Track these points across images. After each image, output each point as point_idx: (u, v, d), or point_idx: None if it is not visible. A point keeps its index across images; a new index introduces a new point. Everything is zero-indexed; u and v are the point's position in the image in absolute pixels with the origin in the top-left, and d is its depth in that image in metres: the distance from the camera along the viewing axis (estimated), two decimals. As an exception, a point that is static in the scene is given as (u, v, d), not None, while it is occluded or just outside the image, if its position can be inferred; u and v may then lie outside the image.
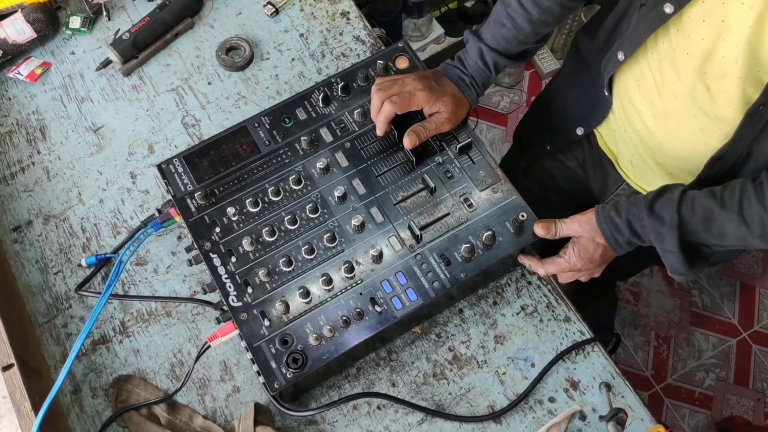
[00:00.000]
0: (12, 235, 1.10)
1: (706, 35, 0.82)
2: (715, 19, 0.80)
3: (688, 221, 0.86)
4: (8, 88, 1.22)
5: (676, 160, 1.00)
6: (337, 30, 1.25)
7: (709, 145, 0.91)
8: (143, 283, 1.06)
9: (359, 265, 0.95)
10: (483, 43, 1.04)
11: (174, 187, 1.01)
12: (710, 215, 0.84)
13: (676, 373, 1.98)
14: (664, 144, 0.99)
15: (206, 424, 0.96)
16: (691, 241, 0.88)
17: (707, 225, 0.85)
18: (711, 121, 0.89)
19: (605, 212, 0.91)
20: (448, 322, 1.02)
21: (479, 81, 1.05)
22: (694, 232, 0.86)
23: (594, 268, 0.98)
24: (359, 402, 0.97)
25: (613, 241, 0.91)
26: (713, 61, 0.83)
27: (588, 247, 0.95)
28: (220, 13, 1.27)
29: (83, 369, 1.01)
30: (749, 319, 2.05)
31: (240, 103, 1.19)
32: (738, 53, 0.79)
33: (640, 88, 0.97)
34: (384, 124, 1.00)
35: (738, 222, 0.83)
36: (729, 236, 0.84)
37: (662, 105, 0.94)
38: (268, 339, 0.91)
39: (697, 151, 0.94)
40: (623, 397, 0.97)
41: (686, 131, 0.93)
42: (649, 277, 2.09)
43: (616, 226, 0.90)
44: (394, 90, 0.99)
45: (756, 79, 0.81)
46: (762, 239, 0.83)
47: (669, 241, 0.87)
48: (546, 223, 0.95)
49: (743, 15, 0.77)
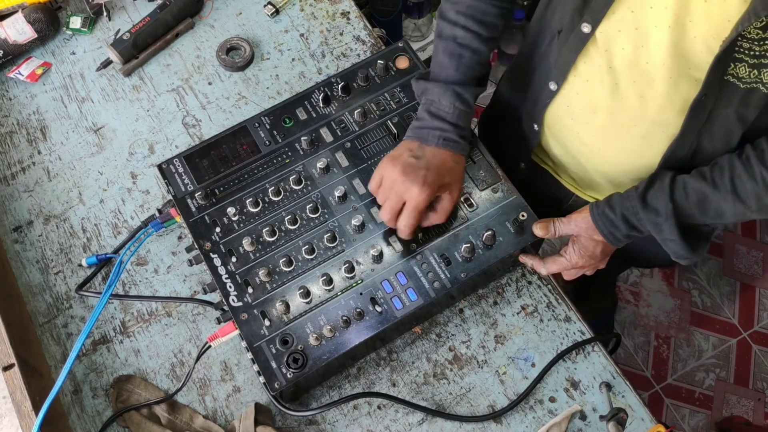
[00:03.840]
0: (12, 235, 1.10)
1: (625, 45, 0.82)
2: (629, 28, 0.80)
3: (683, 207, 0.86)
4: (9, 89, 1.22)
5: (623, 171, 1.00)
6: (338, 30, 1.25)
7: (654, 149, 0.91)
8: (144, 283, 1.06)
9: (359, 264, 0.96)
10: (452, 84, 0.95)
11: (174, 187, 1.01)
12: (704, 198, 0.85)
13: (676, 373, 1.98)
14: (608, 159, 0.99)
15: (207, 424, 0.96)
16: (689, 225, 0.88)
17: (703, 208, 0.86)
18: (651, 126, 0.89)
19: (599, 209, 0.91)
20: (448, 321, 1.02)
21: (464, 124, 0.96)
22: (690, 216, 0.87)
23: (597, 263, 0.98)
24: (359, 402, 0.98)
25: (611, 237, 0.91)
26: (638, 69, 0.83)
27: (587, 245, 0.95)
28: (220, 14, 1.27)
29: (84, 369, 1.01)
30: (749, 319, 2.05)
31: (240, 103, 1.19)
32: (663, 56, 0.79)
33: (571, 113, 0.97)
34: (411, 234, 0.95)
35: (733, 200, 0.83)
36: (726, 214, 0.85)
37: (599, 123, 0.94)
38: (269, 339, 0.91)
39: (644, 158, 0.94)
40: (623, 397, 0.97)
41: (629, 142, 0.94)
42: (649, 277, 2.09)
43: (612, 222, 0.90)
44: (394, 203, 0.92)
45: (688, 77, 0.81)
46: (760, 212, 0.84)
47: (668, 230, 0.87)
48: (544, 223, 0.95)
49: (659, 17, 0.76)
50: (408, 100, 1.06)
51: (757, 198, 0.82)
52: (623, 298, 2.06)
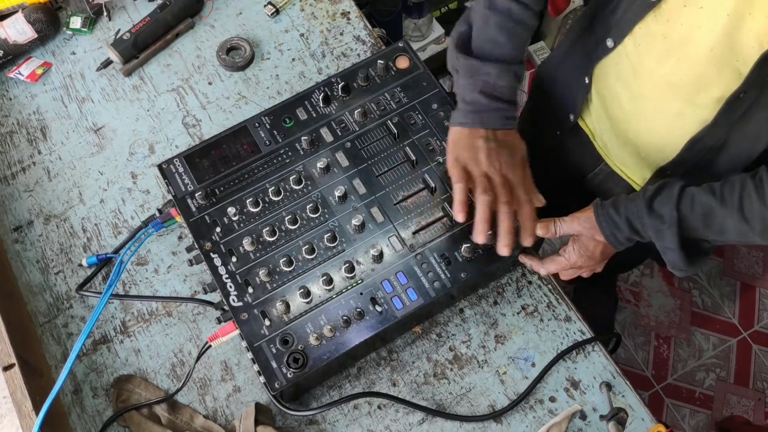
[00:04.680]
0: (13, 235, 1.10)
1: (685, 21, 0.83)
2: (695, 6, 0.81)
3: (688, 218, 0.86)
4: (9, 89, 1.22)
5: (652, 145, 1.00)
6: (338, 30, 1.25)
7: (684, 130, 0.92)
8: (144, 283, 1.06)
9: (360, 264, 0.96)
10: (511, 63, 0.95)
11: (175, 187, 1.01)
12: (710, 212, 0.84)
13: (677, 372, 1.98)
14: (640, 130, 0.99)
15: (207, 424, 0.96)
16: (690, 238, 0.88)
17: (707, 222, 0.85)
18: (687, 106, 0.90)
19: (604, 210, 0.91)
20: (448, 321, 1.02)
21: (517, 99, 0.97)
22: (693, 229, 0.86)
23: (595, 265, 0.98)
24: (360, 402, 0.98)
25: (612, 239, 0.91)
26: (688, 47, 0.84)
27: (588, 245, 0.95)
28: (220, 14, 1.27)
29: (84, 369, 1.01)
30: (749, 319, 2.05)
31: (240, 103, 1.19)
32: (714, 41, 0.80)
33: (618, 73, 0.98)
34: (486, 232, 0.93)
35: (738, 219, 0.83)
36: (729, 232, 0.85)
37: (639, 90, 0.95)
38: (269, 339, 0.91)
39: (673, 136, 0.94)
40: (624, 397, 0.97)
41: (662, 116, 0.94)
42: (649, 277, 2.09)
43: (615, 224, 0.90)
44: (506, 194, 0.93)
45: (733, 68, 0.81)
46: (762, 235, 0.83)
47: (668, 239, 0.87)
48: (545, 223, 0.95)
49: (722, 3, 0.77)
50: (408, 100, 1.06)
51: (762, 220, 0.82)
52: (623, 298, 2.06)
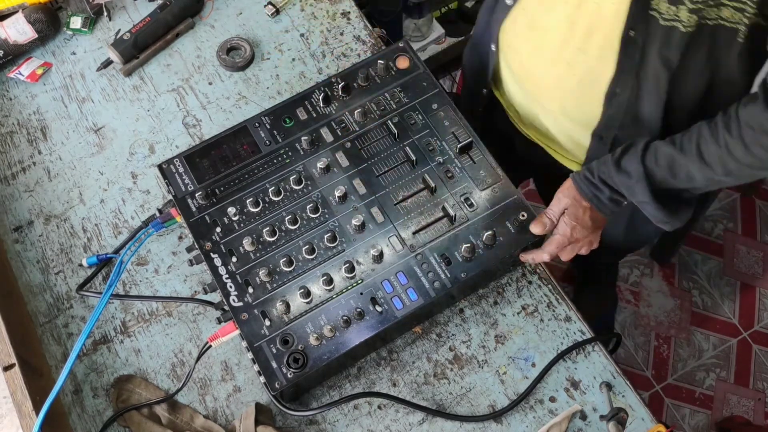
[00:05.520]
0: (13, 235, 1.10)
1: None
2: None
3: (654, 171, 0.88)
4: (9, 89, 1.22)
5: (562, 109, 1.02)
6: (338, 30, 1.25)
7: (577, 78, 0.94)
8: (144, 283, 1.06)
9: (360, 264, 0.96)
10: None
11: (175, 187, 1.01)
12: (673, 162, 0.87)
13: (677, 372, 1.98)
14: (543, 87, 1.01)
15: (207, 424, 0.96)
16: (665, 190, 0.90)
17: (672, 172, 0.87)
18: (576, 54, 0.92)
19: (580, 175, 0.95)
20: (448, 321, 1.02)
21: None
22: (662, 181, 0.89)
23: (590, 235, 0.99)
24: (360, 402, 0.98)
25: (596, 201, 0.94)
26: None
27: (577, 213, 0.96)
28: (220, 14, 1.27)
29: (84, 369, 1.01)
30: (749, 318, 2.05)
31: (241, 103, 1.19)
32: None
33: (516, 30, 1.00)
34: None
35: (700, 164, 0.85)
36: (696, 179, 0.87)
37: (535, 42, 0.97)
38: (269, 339, 0.91)
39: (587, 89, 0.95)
40: (624, 397, 0.97)
41: (559, 70, 0.96)
42: (649, 277, 2.09)
43: (594, 186, 0.93)
44: None
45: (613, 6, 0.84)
46: (728, 176, 0.85)
47: (640, 193, 0.90)
48: (537, 220, 0.97)
49: None
50: (408, 100, 1.06)
51: (722, 163, 0.84)
52: (623, 298, 2.06)
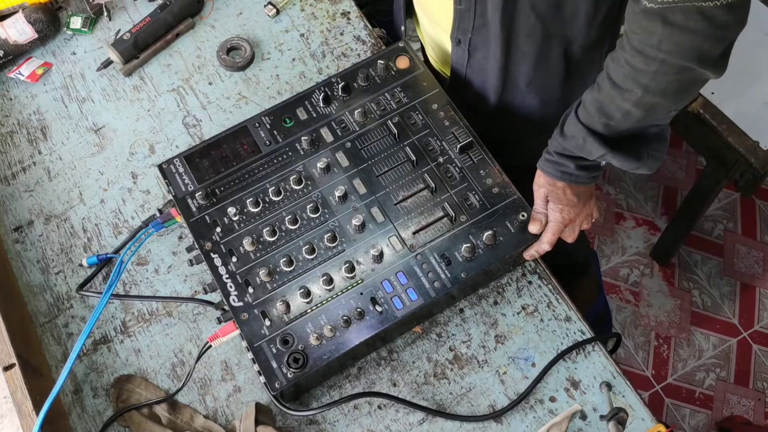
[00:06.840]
0: (13, 235, 1.10)
1: None
2: None
3: (591, 121, 0.88)
4: (9, 89, 1.22)
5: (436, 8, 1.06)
6: (338, 30, 1.25)
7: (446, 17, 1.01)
8: (144, 283, 1.06)
9: (360, 264, 0.96)
10: None
11: (175, 187, 1.01)
12: (599, 104, 0.86)
13: (677, 372, 1.98)
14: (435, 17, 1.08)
15: (207, 424, 0.96)
16: (615, 136, 0.88)
17: (606, 113, 0.86)
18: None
19: (542, 160, 0.96)
20: (448, 321, 1.02)
21: None
22: (606, 126, 0.87)
23: (581, 209, 0.99)
24: (360, 402, 0.98)
25: (567, 176, 0.94)
26: None
27: (558, 195, 0.96)
28: (220, 14, 1.27)
29: (84, 369, 1.01)
30: (749, 318, 2.05)
31: (241, 103, 1.19)
32: None
33: None
34: None
35: (619, 93, 0.83)
36: (629, 111, 0.83)
37: None
38: (269, 339, 0.91)
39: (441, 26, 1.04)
40: (624, 397, 0.97)
41: None
42: (649, 277, 2.09)
43: (556, 163, 0.94)
44: None
45: None
46: (652, 93, 0.81)
47: (594, 149, 0.89)
48: (531, 219, 0.98)
49: None
50: (408, 100, 1.06)
51: (635, 81, 0.80)
52: (623, 298, 2.06)
